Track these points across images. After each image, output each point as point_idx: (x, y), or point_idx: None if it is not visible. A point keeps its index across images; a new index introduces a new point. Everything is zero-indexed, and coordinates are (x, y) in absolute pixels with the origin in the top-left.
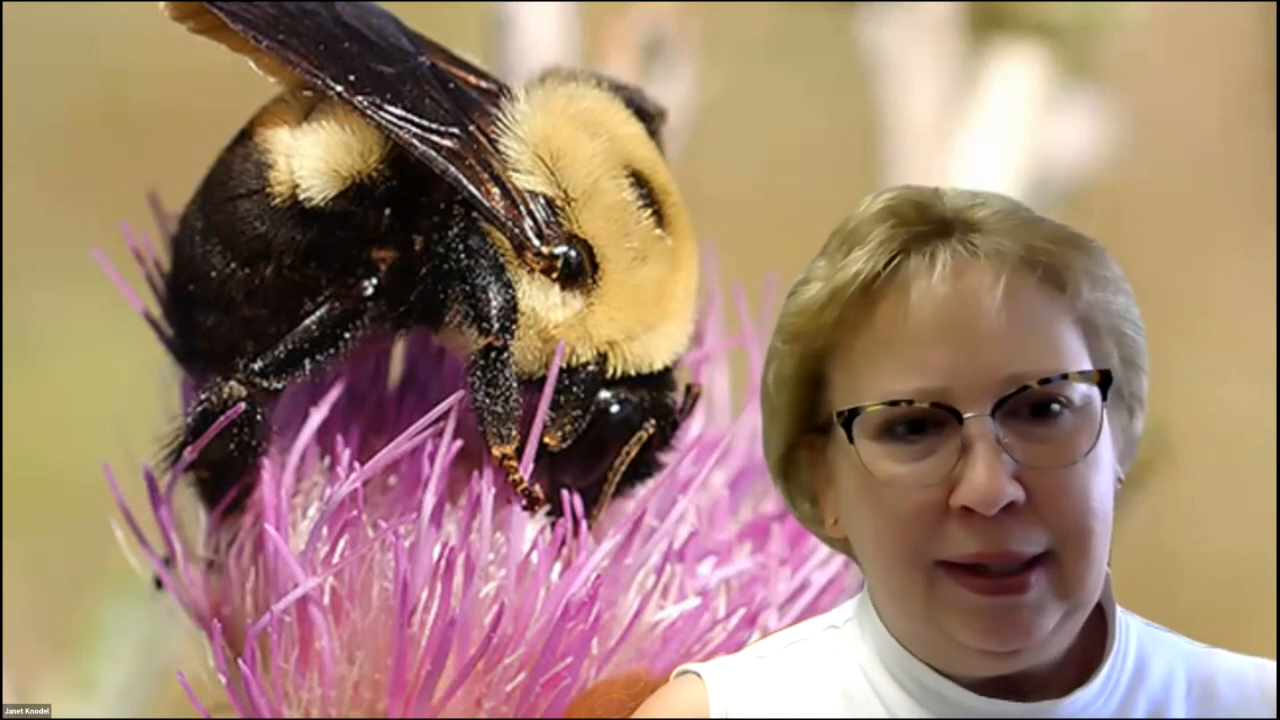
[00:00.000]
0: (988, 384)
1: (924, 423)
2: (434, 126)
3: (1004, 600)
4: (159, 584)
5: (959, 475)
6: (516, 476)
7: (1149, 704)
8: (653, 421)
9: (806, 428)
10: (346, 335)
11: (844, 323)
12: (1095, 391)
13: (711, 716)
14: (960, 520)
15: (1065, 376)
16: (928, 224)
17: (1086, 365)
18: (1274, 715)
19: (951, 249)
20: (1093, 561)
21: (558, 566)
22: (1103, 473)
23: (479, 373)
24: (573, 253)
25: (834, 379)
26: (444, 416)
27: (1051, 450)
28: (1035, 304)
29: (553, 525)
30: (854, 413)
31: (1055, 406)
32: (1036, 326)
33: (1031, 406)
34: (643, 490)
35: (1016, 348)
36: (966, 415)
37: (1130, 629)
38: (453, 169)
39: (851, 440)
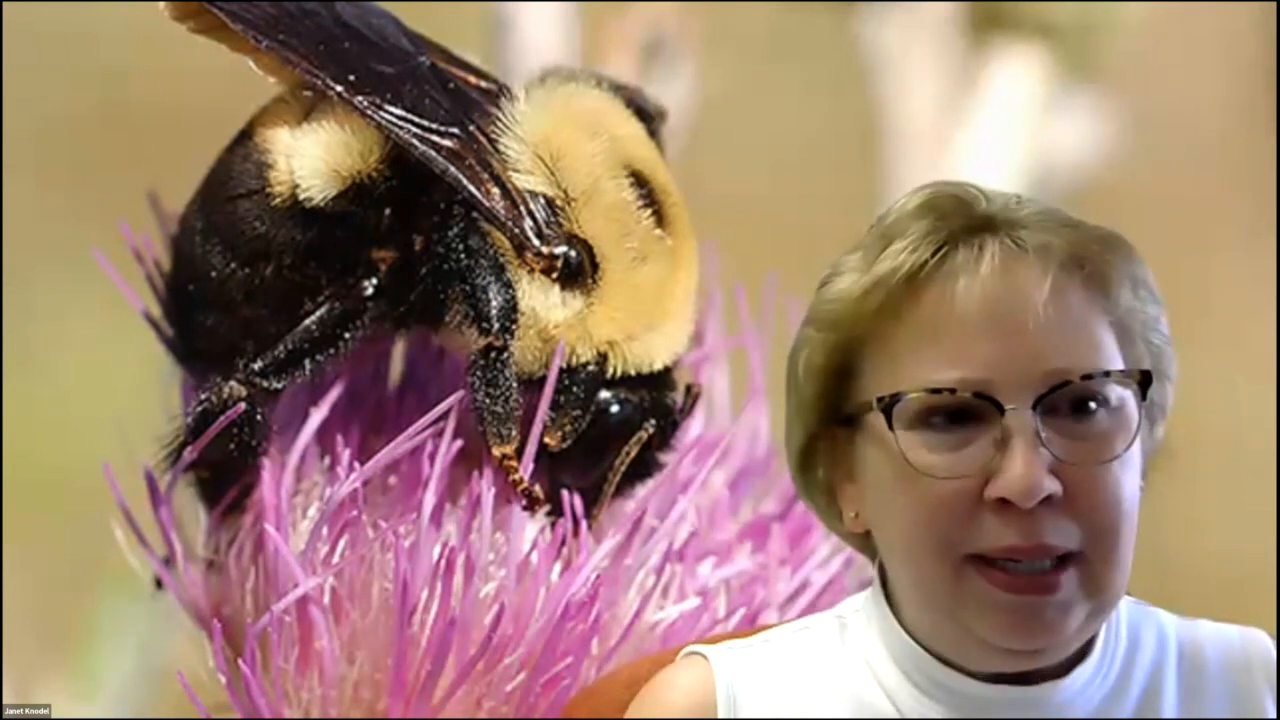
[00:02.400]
0: (1030, 377)
1: (962, 413)
2: (434, 126)
3: (1032, 599)
4: (159, 584)
5: (996, 467)
6: (516, 476)
7: (1144, 674)
8: (653, 421)
9: (828, 421)
10: (346, 335)
11: (885, 311)
12: (1131, 393)
13: (715, 696)
14: (995, 512)
15: (1108, 374)
16: (970, 218)
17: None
18: (1256, 679)
19: (1000, 242)
20: (1120, 562)
21: (558, 566)
22: (1133, 475)
23: (479, 373)
24: (573, 253)
25: (864, 370)
26: (444, 416)
27: (1088, 447)
28: (1079, 302)
29: (553, 525)
30: (895, 399)
31: (1093, 405)
32: (1079, 324)
33: (1071, 403)
34: (643, 490)
35: (1060, 343)
36: (1008, 407)
37: (1119, 607)
38: (453, 169)
39: (891, 426)
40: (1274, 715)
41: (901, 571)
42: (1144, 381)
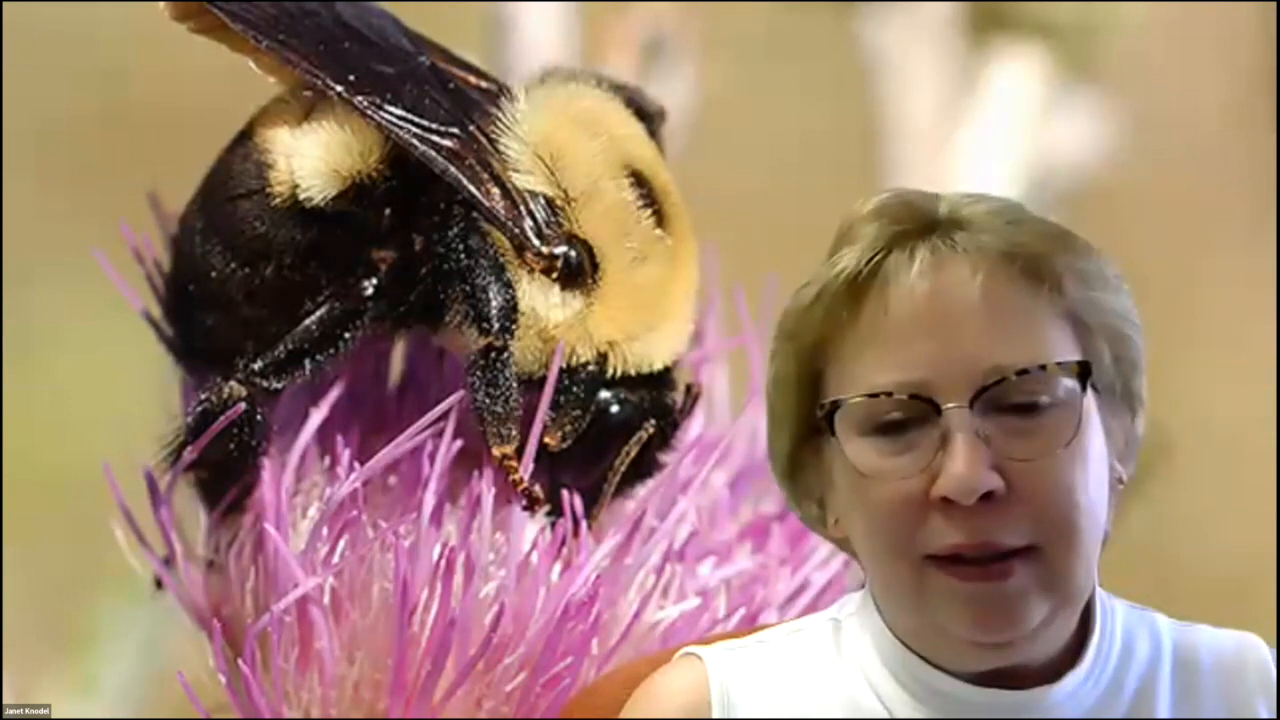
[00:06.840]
0: (966, 375)
1: (906, 416)
2: (434, 126)
3: (986, 587)
4: (159, 584)
5: (939, 467)
6: (516, 476)
7: (1138, 678)
8: (653, 421)
9: (809, 430)
10: (346, 335)
11: (831, 320)
12: (1077, 384)
13: (709, 697)
14: (941, 511)
15: (1044, 368)
16: (914, 222)
17: (1070, 358)
18: (1250, 684)
19: (931, 245)
20: (1079, 556)
21: (558, 566)
22: (1089, 467)
23: (479, 373)
24: (573, 253)
25: (829, 378)
26: (444, 416)
27: (1032, 442)
28: (1016, 298)
29: (553, 525)
30: (835, 406)
31: (1039, 399)
32: (1017, 320)
33: (1011, 398)
34: (643, 490)
35: (995, 340)
36: (945, 406)
37: (1115, 611)
38: (453, 169)
39: (834, 433)
40: None
41: (871, 574)
42: (1083, 373)
